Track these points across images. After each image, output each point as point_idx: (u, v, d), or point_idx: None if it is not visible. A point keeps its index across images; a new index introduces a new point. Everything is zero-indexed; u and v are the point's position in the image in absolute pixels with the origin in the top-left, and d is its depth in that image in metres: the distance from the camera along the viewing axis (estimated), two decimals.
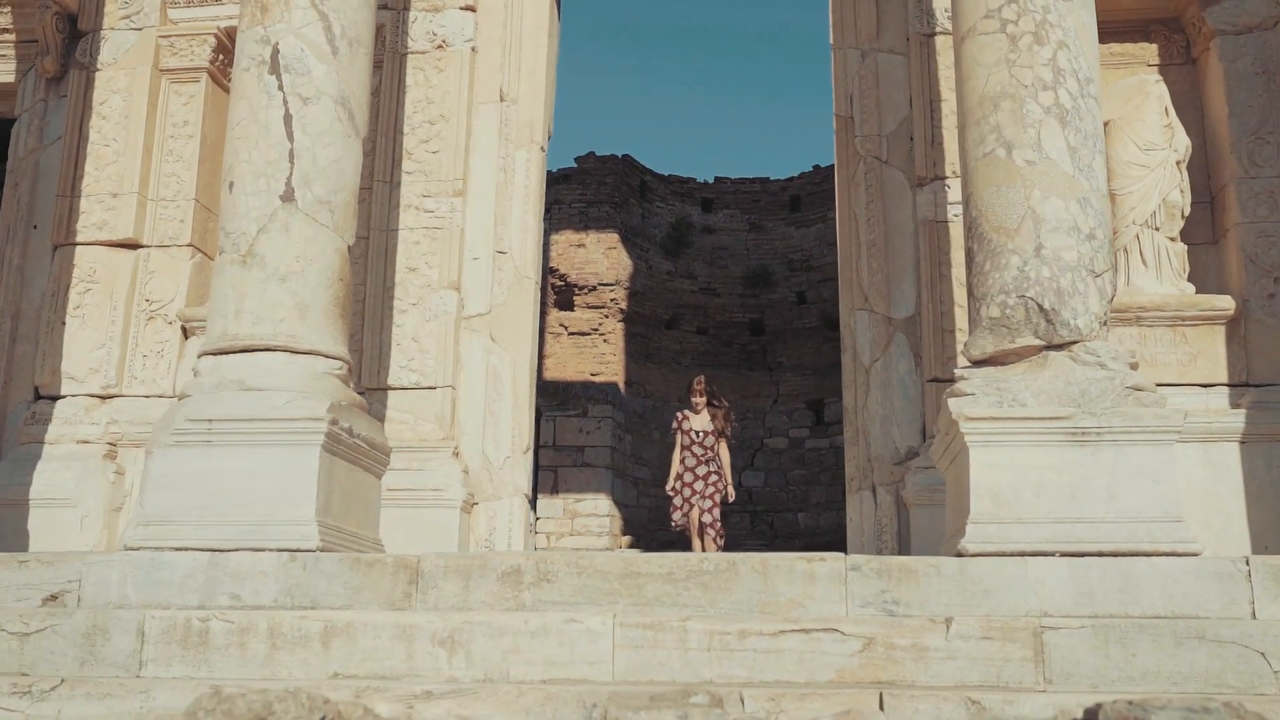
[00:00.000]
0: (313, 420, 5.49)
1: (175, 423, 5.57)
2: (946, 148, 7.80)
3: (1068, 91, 5.53)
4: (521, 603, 5.05)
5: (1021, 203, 5.45)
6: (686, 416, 9.28)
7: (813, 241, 20.34)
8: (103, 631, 4.90)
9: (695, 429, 9.16)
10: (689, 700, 3.31)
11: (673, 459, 9.25)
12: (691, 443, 9.14)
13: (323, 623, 4.81)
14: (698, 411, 9.24)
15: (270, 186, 5.88)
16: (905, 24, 8.12)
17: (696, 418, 9.23)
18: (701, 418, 9.21)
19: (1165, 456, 5.05)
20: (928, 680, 4.48)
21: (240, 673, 4.76)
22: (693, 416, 9.25)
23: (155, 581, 5.26)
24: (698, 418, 9.23)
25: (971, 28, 5.79)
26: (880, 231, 7.83)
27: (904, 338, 7.70)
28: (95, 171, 8.46)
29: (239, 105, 6.07)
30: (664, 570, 5.04)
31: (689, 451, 9.13)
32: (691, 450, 9.12)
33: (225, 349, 5.78)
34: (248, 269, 5.82)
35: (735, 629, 4.62)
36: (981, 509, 5.09)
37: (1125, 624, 4.52)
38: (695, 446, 9.11)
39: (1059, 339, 5.32)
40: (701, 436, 9.12)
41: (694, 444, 9.12)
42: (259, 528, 5.37)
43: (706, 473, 9.02)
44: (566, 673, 4.63)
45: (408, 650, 4.73)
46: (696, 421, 9.21)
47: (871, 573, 4.93)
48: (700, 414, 9.22)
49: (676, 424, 9.30)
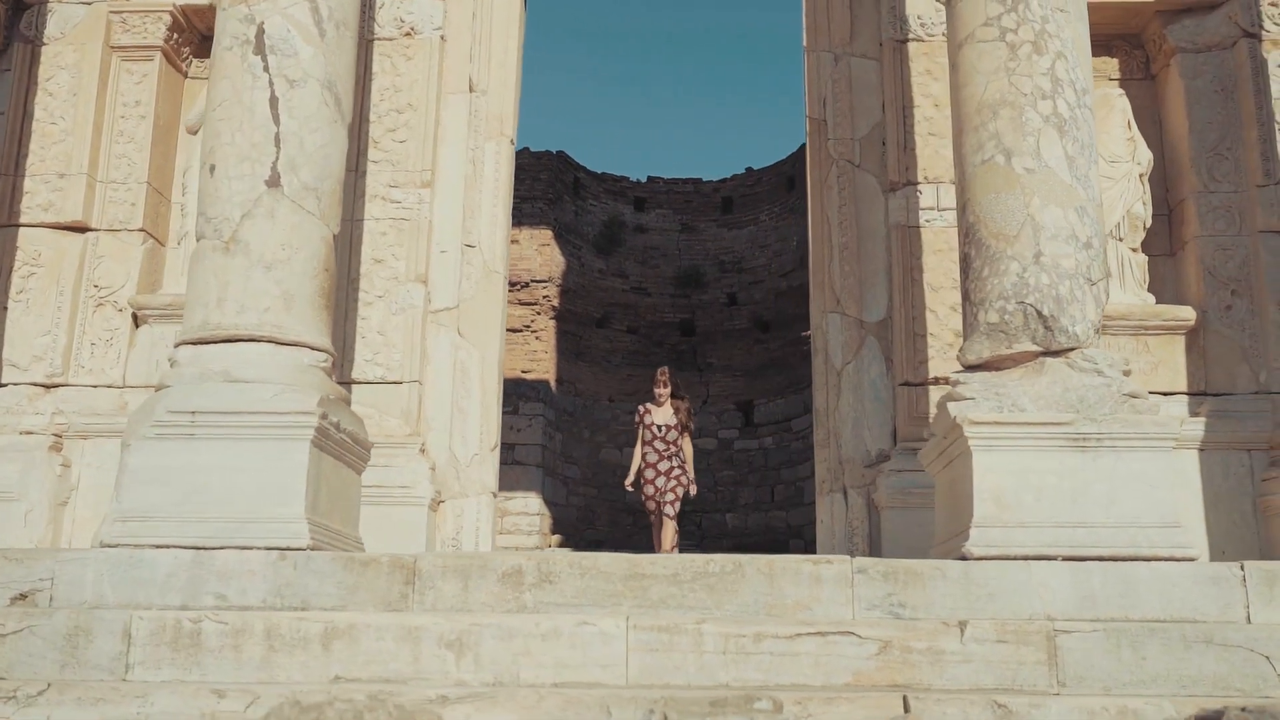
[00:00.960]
0: (303, 414, 5.31)
1: (155, 414, 5.33)
2: (919, 153, 7.87)
3: (1065, 101, 5.61)
4: (523, 604, 4.94)
5: (1021, 210, 5.51)
6: (649, 410, 8.97)
7: (744, 244, 20.44)
8: (86, 633, 4.66)
9: (658, 423, 8.87)
10: (753, 706, 3.25)
11: (634, 453, 8.99)
12: (654, 437, 8.84)
13: (323, 624, 4.65)
14: (660, 404, 8.94)
15: (255, 170, 5.67)
16: (878, 29, 8.17)
17: (659, 410, 8.93)
18: (664, 411, 8.92)
19: (1163, 463, 5.15)
20: (944, 683, 4.49)
21: (235, 676, 4.56)
22: (655, 410, 8.95)
23: (135, 580, 5.03)
24: (660, 410, 8.93)
25: (969, 35, 5.84)
26: (853, 235, 7.86)
27: (876, 341, 7.75)
28: (41, 150, 8.09)
29: (221, 85, 5.84)
30: (669, 572, 4.98)
31: (651, 446, 8.84)
32: (654, 445, 8.83)
33: (206, 338, 5.56)
34: (231, 256, 5.60)
35: (751, 631, 4.58)
36: (985, 512, 5.12)
37: (1136, 628, 4.59)
38: (658, 441, 8.82)
39: (1057, 346, 5.39)
40: (664, 430, 8.83)
41: (656, 438, 8.83)
42: (245, 525, 5.16)
43: (669, 468, 8.75)
44: (578, 676, 4.54)
45: (414, 653, 4.59)
46: (659, 415, 8.92)
47: (878, 575, 4.93)
48: (663, 407, 8.92)
49: (639, 417, 8.99)
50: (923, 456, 6.05)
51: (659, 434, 8.81)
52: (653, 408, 8.96)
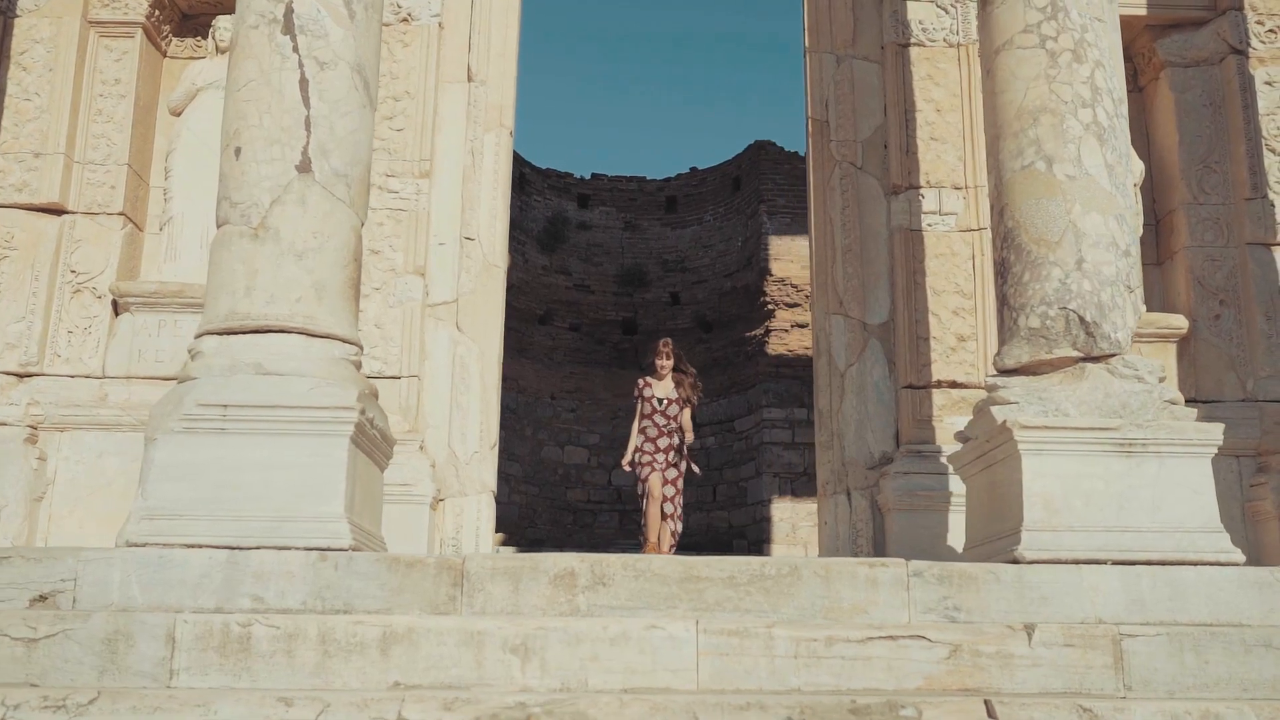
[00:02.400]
0: (343, 410, 5.11)
1: (183, 407, 5.08)
2: (921, 157, 7.92)
3: (1104, 110, 5.67)
4: (576, 607, 4.82)
5: (1063, 216, 5.55)
6: (649, 383, 8.19)
7: (688, 243, 20.44)
8: (126, 637, 4.42)
9: (659, 396, 8.09)
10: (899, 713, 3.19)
11: (631, 429, 8.19)
12: (654, 410, 8.04)
13: (381, 628, 4.47)
14: (661, 377, 8.16)
15: (285, 155, 5.45)
16: (880, 33, 8.20)
17: (660, 384, 8.16)
18: (665, 384, 8.14)
19: (1204, 469, 5.23)
20: (1014, 687, 4.49)
21: (288, 682, 4.36)
22: (655, 383, 8.17)
23: (165, 581, 4.78)
24: (661, 384, 8.15)
25: (1008, 41, 5.87)
26: (855, 236, 7.88)
27: (878, 343, 7.77)
28: (14, 128, 7.70)
29: (246, 64, 5.60)
30: (724, 575, 4.90)
31: (650, 420, 8.03)
32: (653, 420, 8.02)
33: (233, 329, 5.32)
34: (260, 243, 5.36)
35: (823, 635, 4.53)
36: (1035, 517, 5.15)
37: (1198, 632, 4.64)
38: (658, 415, 8.02)
39: (1098, 352, 5.44)
40: (665, 405, 8.05)
41: (656, 412, 8.03)
42: (282, 524, 4.95)
43: (668, 445, 7.99)
44: (648, 681, 4.44)
45: (476, 658, 4.45)
46: (660, 388, 8.14)
47: (933, 579, 4.92)
48: (664, 380, 8.15)
49: (638, 391, 8.20)
50: (954, 458, 6.06)
51: (659, 407, 8.05)
52: (653, 381, 8.22)
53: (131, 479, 7.25)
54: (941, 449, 7.38)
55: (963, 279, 7.72)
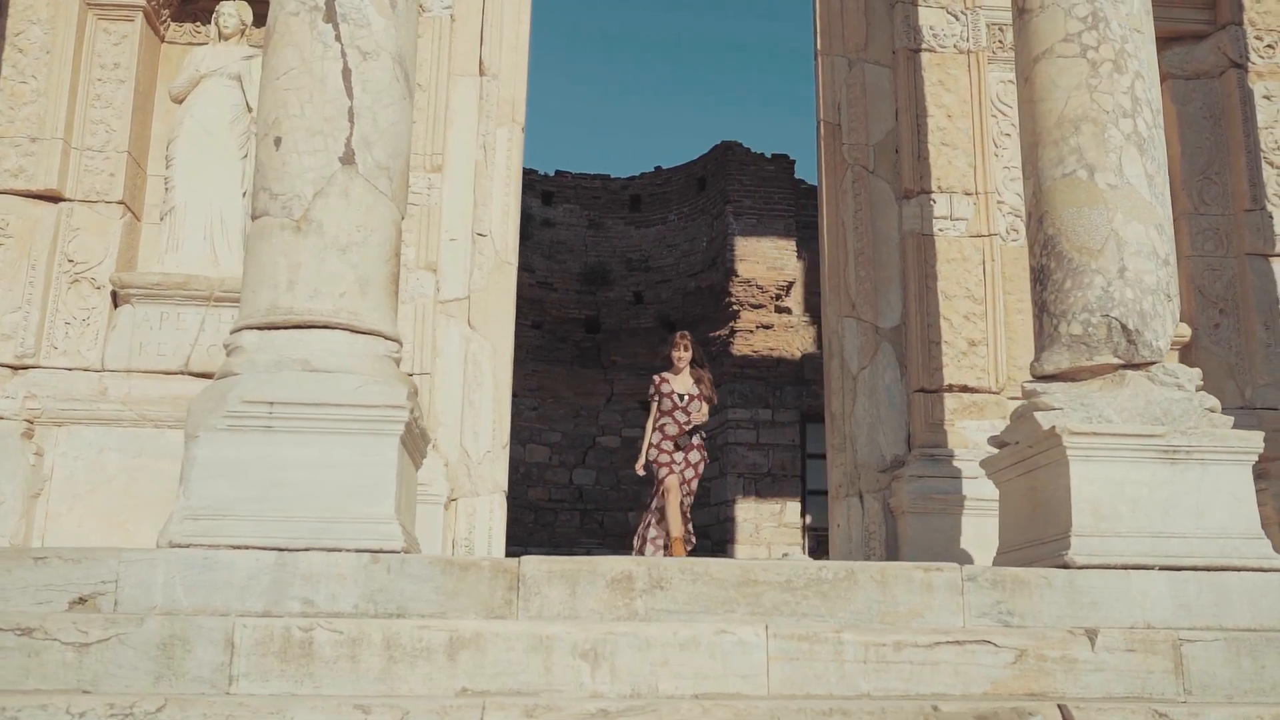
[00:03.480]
0: (394, 409, 4.99)
1: (227, 403, 4.93)
2: (932, 163, 7.96)
3: (1144, 120, 5.74)
4: (634, 611, 4.76)
5: (1105, 225, 5.61)
6: (666, 379, 7.78)
7: (652, 243, 20.41)
8: (183, 641, 4.27)
9: (678, 391, 7.69)
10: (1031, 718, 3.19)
11: (646, 430, 7.77)
12: (674, 407, 7.64)
13: (447, 633, 4.37)
14: (678, 371, 7.77)
15: (329, 146, 5.31)
16: (891, 38, 8.23)
17: (678, 379, 7.76)
18: (684, 379, 7.76)
19: (1245, 476, 5.31)
20: (1078, 692, 4.52)
21: (353, 689, 4.25)
22: (673, 378, 7.77)
23: (211, 584, 4.63)
24: (679, 379, 7.76)
25: (1048, 49, 5.91)
26: (868, 240, 7.90)
27: (890, 347, 7.80)
28: (10, 111, 7.42)
29: (286, 52, 5.45)
30: (782, 579, 4.87)
31: (670, 418, 7.63)
32: (673, 416, 7.62)
33: (275, 324, 5.17)
34: (303, 235, 5.22)
35: (891, 640, 4.52)
36: (1083, 522, 5.19)
37: (1254, 638, 4.71)
38: (678, 412, 7.63)
39: (1139, 359, 5.51)
40: (685, 400, 7.66)
41: (676, 408, 7.63)
42: (331, 525, 4.81)
43: (688, 445, 7.63)
44: (719, 687, 4.40)
45: (545, 663, 4.37)
46: (679, 383, 7.73)
47: (986, 583, 4.94)
48: (682, 374, 7.77)
49: (654, 387, 7.78)
50: (988, 463, 6.09)
51: (679, 403, 7.65)
52: (670, 376, 7.80)
53: (133, 476, 7.10)
54: (954, 453, 7.43)
55: (973, 284, 7.77)
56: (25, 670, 4.20)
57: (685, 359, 7.80)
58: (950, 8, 8.19)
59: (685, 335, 8.01)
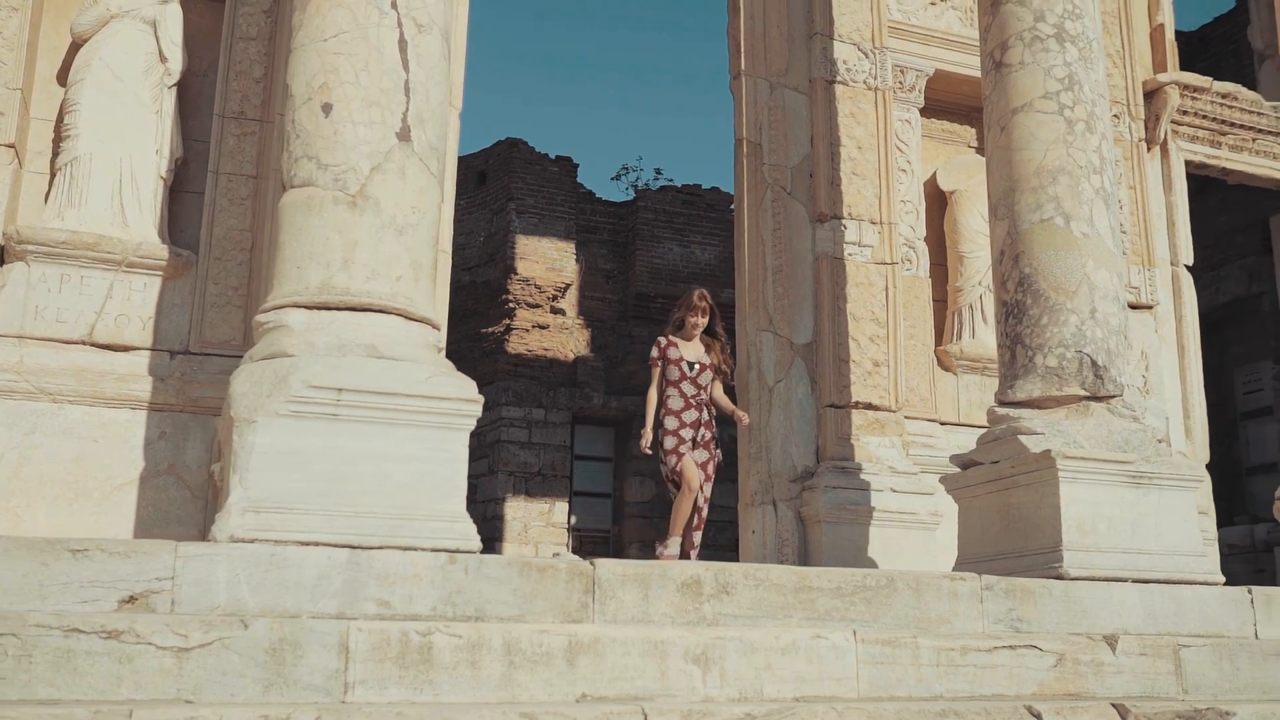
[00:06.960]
0: (466, 402, 4.77)
1: (290, 388, 4.54)
2: (844, 190, 8.41)
3: (1108, 178, 6.39)
4: (702, 615, 4.81)
5: (1079, 269, 6.19)
6: (673, 343, 6.59)
7: None
8: (294, 646, 3.93)
9: (687, 360, 6.53)
10: None
11: (649, 401, 6.52)
12: (681, 377, 6.48)
13: (566, 638, 4.27)
14: (689, 337, 6.61)
15: (386, 119, 5.00)
16: (809, 67, 8.62)
17: (688, 346, 6.60)
18: (694, 347, 6.60)
19: (1190, 500, 6.04)
20: (1103, 692, 5.01)
21: (473, 696, 4.07)
22: (682, 344, 6.60)
23: (279, 583, 4.27)
24: (690, 346, 6.61)
25: (1027, 103, 6.45)
26: (786, 258, 8.25)
27: (802, 362, 8.17)
28: None
29: (336, 13, 5.08)
30: (833, 585, 5.08)
31: (677, 389, 6.47)
32: (680, 387, 6.47)
33: (329, 304, 4.81)
34: (359, 212, 4.89)
35: (958, 645, 4.83)
36: (1071, 538, 5.72)
37: (1231, 644, 5.39)
38: (685, 383, 6.48)
39: (1103, 392, 6.12)
40: (696, 371, 6.52)
41: (685, 379, 6.49)
42: (404, 522, 4.55)
43: (696, 421, 6.43)
44: (816, 689, 4.55)
45: (660, 668, 4.35)
46: (689, 350, 6.58)
47: (1000, 592, 5.36)
48: (693, 341, 6.62)
49: (658, 351, 6.57)
50: (952, 480, 6.52)
51: (688, 373, 6.50)
52: (678, 340, 6.62)
53: (25, 455, 6.39)
54: (862, 466, 7.90)
55: (878, 308, 8.29)
56: (117, 678, 3.73)
57: (701, 324, 6.61)
58: (861, 45, 8.68)
59: (704, 295, 6.66)
